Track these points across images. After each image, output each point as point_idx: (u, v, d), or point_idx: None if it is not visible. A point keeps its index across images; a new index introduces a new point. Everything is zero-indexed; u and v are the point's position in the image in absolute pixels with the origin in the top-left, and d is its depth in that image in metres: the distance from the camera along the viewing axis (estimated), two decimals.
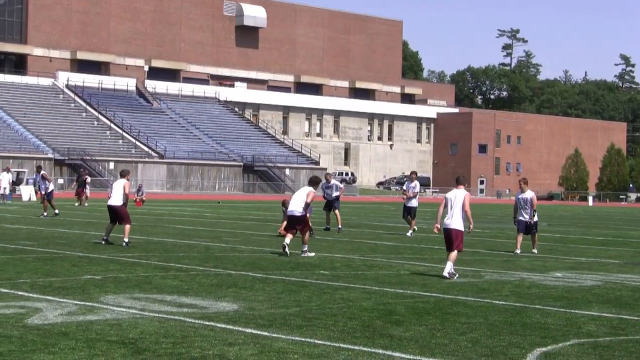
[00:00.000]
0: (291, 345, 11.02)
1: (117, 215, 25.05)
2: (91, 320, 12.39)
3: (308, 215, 23.68)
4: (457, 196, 18.89)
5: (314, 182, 24.96)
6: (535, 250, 26.23)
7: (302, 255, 22.86)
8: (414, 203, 32.60)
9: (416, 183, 33.17)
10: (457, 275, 18.79)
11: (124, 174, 25.82)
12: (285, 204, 28.40)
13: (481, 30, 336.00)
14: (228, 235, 30.45)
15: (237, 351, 10.58)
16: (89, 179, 58.14)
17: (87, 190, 55.08)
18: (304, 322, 12.72)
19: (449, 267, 18.69)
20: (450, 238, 18.82)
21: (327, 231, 33.37)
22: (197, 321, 12.49)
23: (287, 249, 22.85)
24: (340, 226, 34.26)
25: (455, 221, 18.79)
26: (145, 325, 12.09)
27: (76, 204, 53.60)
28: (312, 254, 23.13)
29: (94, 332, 11.47)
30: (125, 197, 25.09)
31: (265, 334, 11.73)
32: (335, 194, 34.78)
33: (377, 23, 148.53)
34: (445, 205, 19.06)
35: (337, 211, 34.62)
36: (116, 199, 25.10)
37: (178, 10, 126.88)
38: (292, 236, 23.26)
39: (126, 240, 24.55)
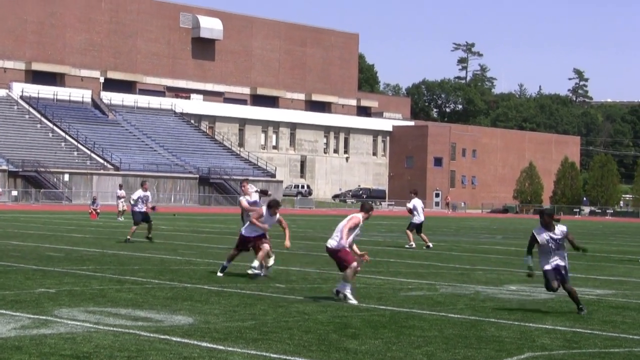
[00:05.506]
0: (246, 359, 10.99)
1: None
2: (45, 334, 12.29)
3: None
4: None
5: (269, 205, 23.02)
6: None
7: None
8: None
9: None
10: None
11: None
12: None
13: (436, 44, 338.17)
14: (184, 248, 30.35)
15: None
16: None
17: None
18: (260, 335, 12.70)
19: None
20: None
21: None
22: (152, 335, 12.43)
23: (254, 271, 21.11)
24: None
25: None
26: (100, 339, 12.02)
27: None
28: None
29: (48, 346, 11.38)
30: None
31: (221, 347, 11.70)
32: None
33: (333, 36, 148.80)
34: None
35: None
36: None
37: (134, 21, 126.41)
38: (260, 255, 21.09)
39: None
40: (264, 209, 21.28)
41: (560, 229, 16.04)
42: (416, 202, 34.85)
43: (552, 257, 16.11)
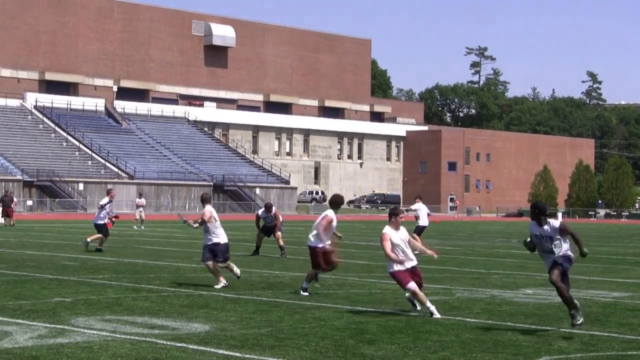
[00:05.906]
0: None
1: None
2: (62, 343, 12.30)
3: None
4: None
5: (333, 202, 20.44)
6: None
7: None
8: None
9: None
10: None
11: None
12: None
13: (449, 49, 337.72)
14: (199, 256, 30.28)
15: None
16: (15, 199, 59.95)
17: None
18: (276, 342, 12.69)
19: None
20: None
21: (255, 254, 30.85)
22: (168, 343, 12.44)
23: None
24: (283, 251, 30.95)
25: None
26: (117, 347, 12.03)
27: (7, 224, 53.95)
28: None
29: (65, 356, 11.39)
30: None
31: (238, 354, 11.69)
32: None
33: (345, 42, 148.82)
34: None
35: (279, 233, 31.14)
36: None
37: (147, 30, 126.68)
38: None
39: None
40: (332, 214, 19.78)
41: (552, 224, 14.20)
42: (421, 207, 34.63)
43: (548, 258, 14.41)
